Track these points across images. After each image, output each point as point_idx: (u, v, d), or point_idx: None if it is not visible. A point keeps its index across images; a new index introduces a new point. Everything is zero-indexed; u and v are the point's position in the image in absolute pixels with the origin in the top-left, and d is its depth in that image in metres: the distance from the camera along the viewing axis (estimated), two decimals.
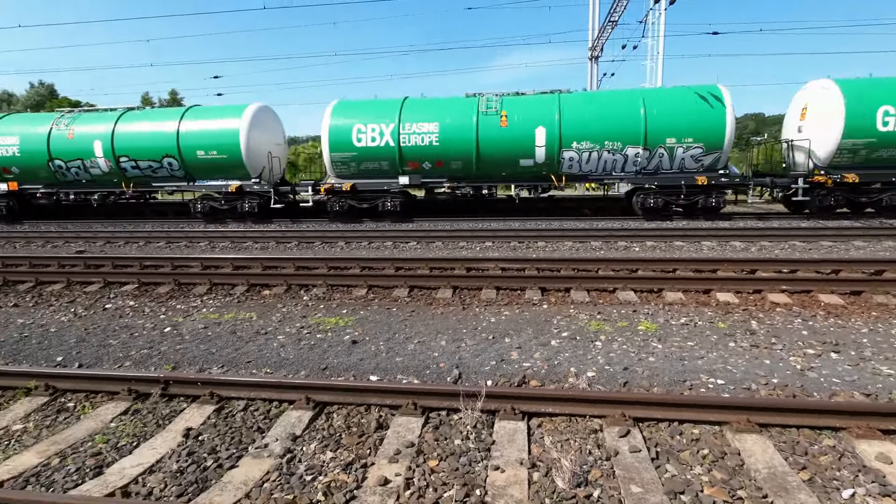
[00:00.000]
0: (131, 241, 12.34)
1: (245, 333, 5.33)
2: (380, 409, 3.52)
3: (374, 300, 6.51)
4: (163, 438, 3.26)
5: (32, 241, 12.73)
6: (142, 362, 4.61)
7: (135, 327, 5.63)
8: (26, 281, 7.73)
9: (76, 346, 5.08)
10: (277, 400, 3.67)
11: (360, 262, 8.17)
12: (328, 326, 5.48)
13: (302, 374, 4.27)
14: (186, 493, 2.69)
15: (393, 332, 5.26)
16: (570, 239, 10.76)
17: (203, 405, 3.63)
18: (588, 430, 3.20)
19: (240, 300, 6.72)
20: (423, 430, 3.24)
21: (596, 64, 24.84)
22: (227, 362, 4.57)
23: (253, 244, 11.72)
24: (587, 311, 5.73)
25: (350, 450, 3.07)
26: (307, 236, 11.93)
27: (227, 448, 3.13)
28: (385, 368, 4.34)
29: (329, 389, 3.61)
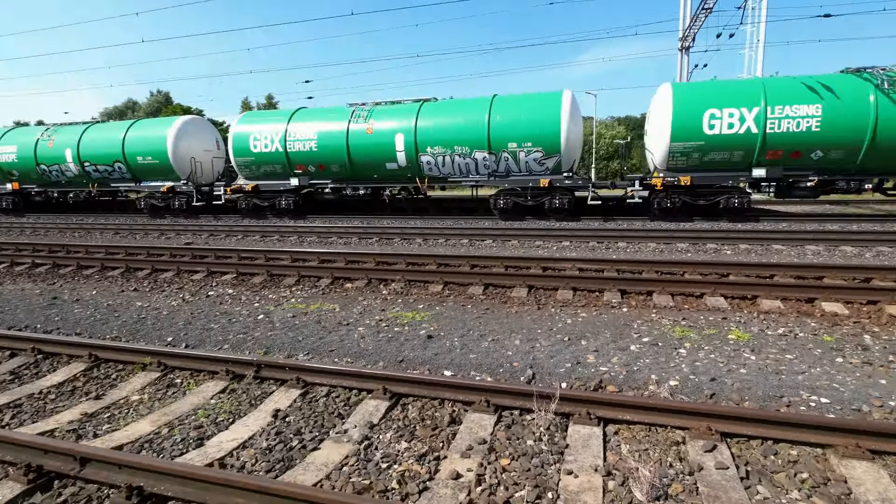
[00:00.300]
0: (231, 235, 13.45)
1: (328, 324, 5.62)
2: (453, 404, 3.58)
3: (449, 297, 6.61)
4: (254, 417, 3.53)
5: (150, 233, 14.28)
6: (238, 346, 5.03)
7: (233, 314, 6.14)
8: (144, 268, 8.69)
9: (183, 328, 5.64)
10: (357, 388, 3.84)
11: (437, 259, 8.32)
12: (405, 320, 5.64)
13: (380, 365, 4.44)
14: (274, 470, 2.91)
15: (467, 328, 5.31)
16: (653, 240, 10.24)
17: (290, 389, 3.89)
18: (669, 441, 3.05)
19: (324, 292, 7.10)
20: (496, 428, 3.25)
21: (686, 55, 23.34)
22: (312, 350, 4.86)
23: (337, 239, 12.31)
24: (671, 317, 5.43)
25: (424, 441, 3.15)
26: (388, 232, 12.33)
27: (310, 430, 3.33)
28: (459, 364, 4.40)
29: (405, 381, 3.73)
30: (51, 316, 6.25)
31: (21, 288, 7.92)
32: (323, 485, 2.73)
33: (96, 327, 5.75)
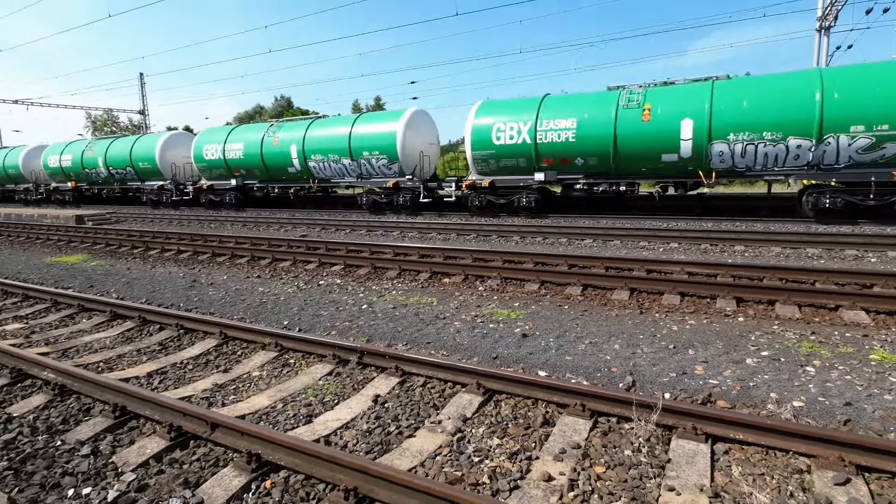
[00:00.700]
0: (340, 229, 14.39)
1: (426, 316, 5.81)
2: (547, 405, 3.54)
3: (545, 296, 6.51)
4: (356, 400, 3.77)
5: (272, 225, 15.73)
6: (344, 332, 5.38)
7: (340, 302, 6.58)
8: (266, 258, 9.61)
9: (297, 313, 6.15)
10: (452, 381, 3.94)
11: (534, 258, 8.22)
12: (500, 317, 5.65)
13: (474, 360, 4.51)
14: (373, 452, 3.09)
15: (563, 329, 5.20)
16: (777, 244, 9.21)
17: (389, 377, 4.10)
18: (790, 468, 2.75)
19: (423, 286, 7.35)
20: (591, 434, 3.16)
21: (826, 36, 20.56)
22: (410, 341, 5.06)
23: (436, 235, 12.64)
24: (797, 330, 4.86)
25: (516, 440, 3.15)
26: (485, 230, 12.41)
27: (406, 418, 3.48)
28: (554, 365, 4.32)
29: (499, 378, 3.75)
30: (191, 296, 7.16)
31: (168, 271, 9.15)
32: (417, 471, 2.84)
33: (226, 308, 6.47)
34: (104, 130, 54.15)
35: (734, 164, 12.79)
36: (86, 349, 5.12)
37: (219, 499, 2.61)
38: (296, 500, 2.61)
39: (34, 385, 4.19)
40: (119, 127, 55.20)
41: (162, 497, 2.66)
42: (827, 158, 11.77)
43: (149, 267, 9.67)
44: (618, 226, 12.57)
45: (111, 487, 2.75)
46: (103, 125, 56.12)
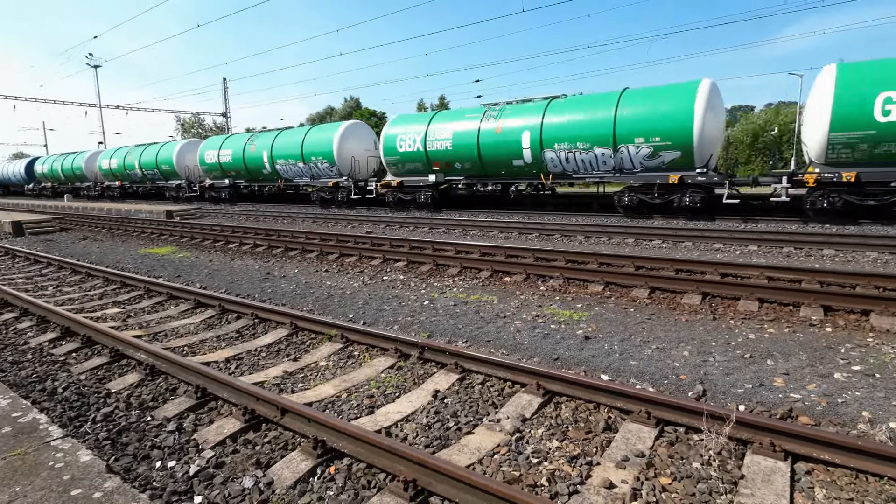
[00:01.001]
0: (404, 226, 14.69)
1: (486, 315, 5.82)
2: (609, 410, 3.44)
3: (610, 298, 6.31)
4: (417, 395, 3.85)
5: (340, 222, 16.33)
6: (406, 327, 5.50)
7: (402, 298, 6.73)
8: (333, 253, 10.00)
9: (362, 307, 6.36)
10: (511, 381, 3.92)
11: (599, 258, 7.99)
12: (562, 318, 5.55)
13: (534, 360, 4.46)
14: (431, 446, 3.14)
15: (629, 333, 5.02)
16: (873, 248, 8.37)
17: (449, 373, 4.14)
18: (886, 496, 2.51)
19: (484, 284, 7.35)
20: (656, 443, 3.04)
21: None
22: (470, 338, 5.09)
23: (498, 233, 12.60)
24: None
25: (576, 443, 3.09)
26: (548, 228, 12.20)
27: (465, 415, 3.51)
28: (617, 369, 4.19)
29: (560, 380, 3.69)
30: (265, 288, 7.59)
31: (245, 264, 9.76)
32: (475, 468, 2.86)
33: (296, 300, 6.81)
34: (191, 132, 58.41)
35: (564, 168, 15.44)
36: (173, 334, 5.57)
37: (287, 480, 2.77)
38: (357, 488, 2.71)
39: (129, 364, 4.62)
40: (204, 129, 59.36)
41: (236, 475, 2.86)
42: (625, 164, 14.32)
43: (228, 259, 10.35)
44: (689, 226, 11.94)
45: (192, 462, 2.99)
46: (191, 127, 60.59)
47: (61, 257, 10.16)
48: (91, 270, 8.74)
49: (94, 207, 25.28)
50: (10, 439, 2.77)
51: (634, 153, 13.89)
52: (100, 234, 15.97)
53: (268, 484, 2.75)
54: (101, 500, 2.23)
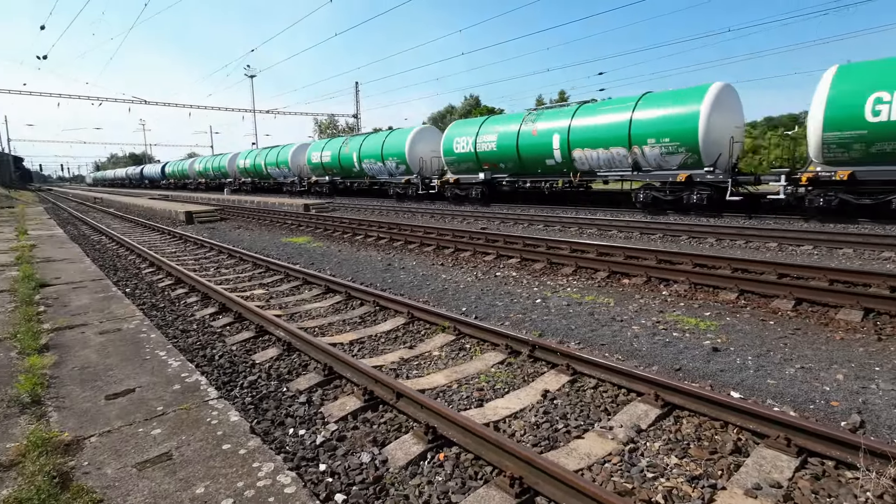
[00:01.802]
0: (518, 223, 14.63)
1: (601, 317, 5.59)
2: (739, 431, 3.12)
3: (745, 307, 5.69)
4: (526, 392, 3.84)
5: (456, 217, 16.75)
6: (517, 324, 5.50)
7: (514, 295, 6.72)
8: (449, 247, 10.30)
9: (474, 301, 6.48)
10: (626, 388, 3.74)
11: (732, 263, 7.24)
12: (686, 326, 5.14)
13: (653, 369, 4.20)
14: (539, 445, 3.12)
15: (766, 348, 4.49)
16: None
17: (560, 374, 4.07)
18: None
19: (600, 285, 7.06)
20: (797, 475, 2.70)
21: None
22: (584, 340, 4.93)
23: (617, 233, 11.99)
24: None
25: (698, 463, 2.86)
26: (673, 229, 11.33)
27: (575, 418, 3.43)
28: (751, 387, 3.78)
29: (682, 393, 3.43)
30: (385, 278, 8.07)
31: (369, 255, 10.46)
32: (584, 474, 2.79)
33: (413, 291, 7.14)
34: (327, 133, 63.78)
35: (590, 167, 16.75)
36: (306, 315, 6.18)
37: (400, 461, 2.94)
38: (465, 477, 2.79)
39: (270, 340, 5.23)
40: (338, 129, 64.46)
41: (355, 449, 3.10)
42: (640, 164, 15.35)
43: (354, 250, 11.17)
44: (850, 230, 10.28)
45: (318, 433, 3.31)
46: (326, 128, 66.17)
47: (221, 243, 11.76)
48: (243, 255, 10.00)
49: (246, 200, 28.81)
50: (178, 395, 3.30)
51: (649, 153, 14.96)
52: (251, 223, 18.17)
53: (382, 461, 2.95)
54: (245, 456, 2.57)
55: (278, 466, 2.48)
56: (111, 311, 5.42)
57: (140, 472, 2.44)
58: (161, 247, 12.40)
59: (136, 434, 2.80)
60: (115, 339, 4.45)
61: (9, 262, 8.74)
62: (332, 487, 2.71)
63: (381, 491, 2.70)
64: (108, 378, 3.60)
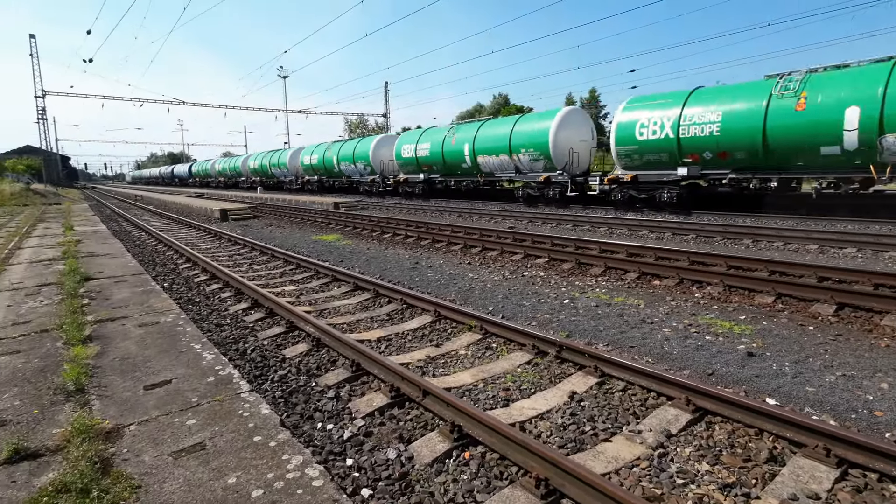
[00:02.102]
0: (546, 223, 14.49)
1: (631, 319, 5.49)
2: (775, 439, 3.02)
3: (782, 311, 5.50)
4: (552, 393, 3.80)
5: (483, 216, 16.71)
6: (544, 325, 5.45)
7: (542, 294, 6.67)
8: (476, 246, 10.29)
9: (502, 300, 6.46)
10: (656, 392, 3.66)
11: (770, 265, 7.01)
12: (720, 330, 5.00)
13: (685, 373, 4.10)
14: (566, 447, 3.09)
15: (805, 354, 4.33)
16: None
17: (587, 375, 4.02)
18: None
19: (630, 286, 6.94)
20: (836, 487, 2.59)
21: None
22: (612, 342, 4.85)
23: (649, 233, 11.75)
24: None
25: (731, 471, 2.79)
26: (706, 230, 11.03)
27: (603, 421, 3.38)
28: (788, 395, 3.65)
29: (714, 398, 3.34)
30: (413, 276, 8.12)
31: (397, 253, 10.54)
32: (611, 477, 2.75)
33: (440, 290, 7.17)
34: (357, 132, 64.56)
35: (490, 169, 20.71)
36: (335, 312, 6.27)
37: (425, 458, 2.96)
38: (490, 477, 2.79)
39: (300, 335, 5.33)
40: (367, 129, 65.16)
41: (382, 445, 3.14)
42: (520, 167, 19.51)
43: (382, 248, 11.28)
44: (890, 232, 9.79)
45: (346, 428, 3.36)
46: (356, 127, 66.97)
47: (254, 240, 12.05)
48: (275, 252, 10.22)
49: (278, 198, 29.41)
50: (212, 387, 3.40)
51: (525, 159, 19.27)
52: (282, 221, 18.56)
53: (408, 458, 2.97)
54: (275, 448, 2.63)
55: (307, 459, 2.53)
56: (150, 304, 5.62)
57: (175, 461, 2.53)
58: (197, 243, 12.79)
59: (172, 424, 2.91)
60: (153, 332, 4.62)
61: (56, 256, 9.17)
62: (359, 482, 2.75)
63: (407, 487, 2.72)
64: (147, 369, 3.74)
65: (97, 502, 2.17)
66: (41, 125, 49.79)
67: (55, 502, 2.17)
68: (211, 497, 2.24)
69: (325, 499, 2.22)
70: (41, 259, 8.91)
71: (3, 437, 2.76)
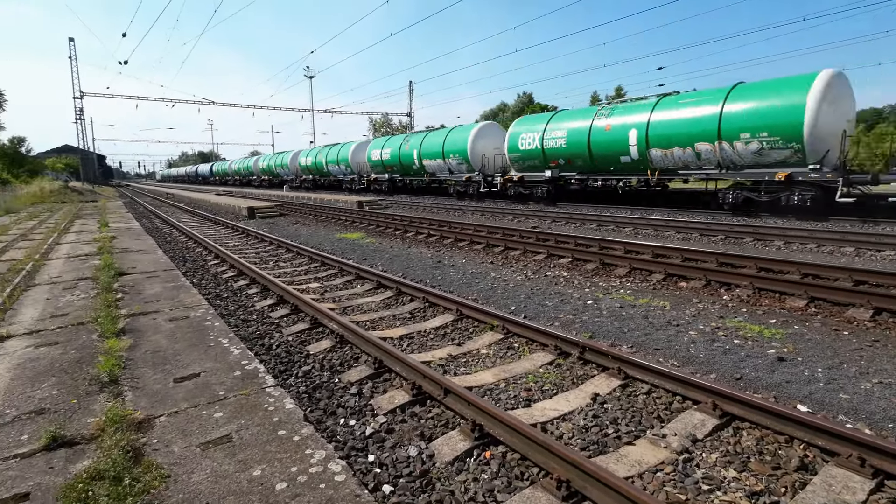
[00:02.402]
0: (570, 222, 14.35)
1: (656, 321, 5.40)
2: (806, 447, 2.94)
3: (815, 316, 5.33)
4: (575, 395, 3.77)
5: (507, 216, 16.64)
6: (567, 325, 5.41)
7: (565, 295, 6.61)
8: (499, 246, 10.25)
9: (524, 300, 6.43)
10: (681, 395, 3.60)
11: (802, 268, 6.79)
12: (749, 334, 4.87)
13: (711, 377, 4.01)
14: (588, 449, 3.06)
15: (839, 360, 4.19)
16: None
17: (611, 377, 3.97)
18: None
19: (655, 287, 6.82)
20: (871, 498, 2.50)
21: None
22: (636, 344, 4.78)
23: (675, 234, 11.52)
24: None
25: (759, 478, 2.72)
26: (736, 231, 10.75)
27: (626, 424, 3.33)
28: (820, 401, 3.54)
29: (742, 403, 3.26)
30: (435, 275, 8.15)
31: (420, 251, 10.58)
32: (634, 482, 2.71)
33: (462, 289, 7.17)
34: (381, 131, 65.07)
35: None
36: (358, 309, 6.34)
37: (446, 456, 2.97)
38: (511, 477, 2.78)
39: (324, 332, 5.41)
40: (391, 128, 65.56)
41: (403, 442, 3.16)
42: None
43: (405, 246, 11.35)
44: None
45: (368, 425, 3.39)
46: (380, 126, 67.46)
47: (280, 238, 12.26)
48: (300, 250, 10.38)
49: (303, 197, 29.85)
50: (238, 381, 3.48)
51: (454, 163, 20.25)
52: (307, 219, 18.83)
53: (429, 456, 2.99)
54: (298, 443, 2.68)
55: (329, 454, 2.57)
56: (180, 299, 5.78)
57: (203, 452, 2.60)
58: (225, 240, 13.09)
59: (200, 416, 2.99)
60: (183, 326, 4.75)
61: (92, 251, 9.51)
62: (380, 478, 2.78)
63: (428, 485, 2.74)
64: (177, 362, 3.85)
65: (129, 490, 2.24)
66: (79, 125, 51.65)
67: (89, 489, 2.25)
68: (237, 489, 2.29)
69: (347, 494, 2.26)
70: (78, 254, 9.25)
71: (42, 424, 2.89)
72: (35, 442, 2.70)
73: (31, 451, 2.63)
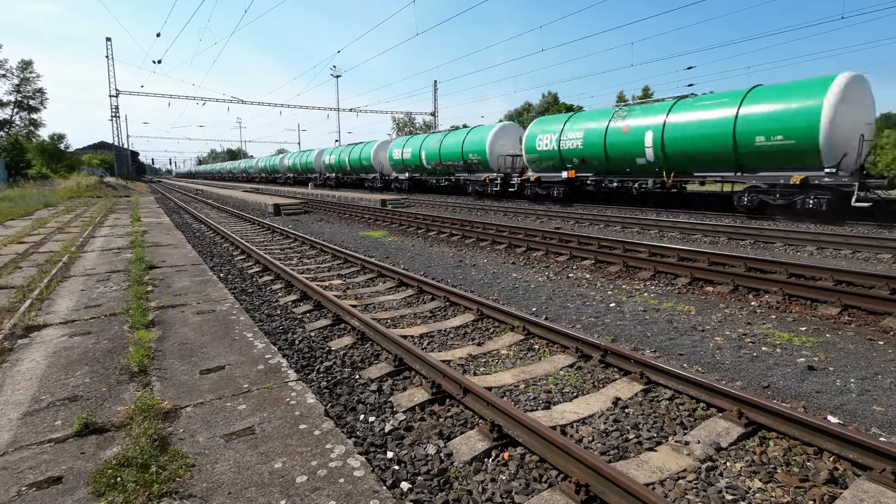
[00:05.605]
0: (594, 224, 14.18)
1: (681, 325, 5.29)
2: (837, 460, 2.84)
3: (849, 324, 5.15)
4: (595, 398, 3.73)
5: (529, 216, 16.54)
6: (588, 328, 5.35)
7: (587, 297, 6.54)
8: (521, 246, 10.20)
9: (545, 302, 6.38)
10: (706, 403, 3.52)
11: (836, 274, 6.57)
12: (778, 341, 4.74)
13: (737, 384, 3.92)
14: (608, 454, 3.02)
15: (873, 370, 4.04)
16: None
17: (633, 382, 3.91)
18: None
19: (680, 291, 6.69)
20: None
21: None
22: (659, 349, 4.70)
23: (702, 237, 11.28)
24: None
25: (786, 490, 2.64)
26: (766, 235, 10.47)
27: (648, 429, 3.28)
28: (852, 413, 3.42)
29: (770, 412, 3.18)
30: (456, 274, 8.15)
31: (441, 251, 10.60)
32: (655, 489, 2.67)
33: (484, 288, 7.16)
34: (404, 130, 65.39)
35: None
36: (379, 307, 6.39)
37: (464, 456, 2.97)
38: (529, 479, 2.77)
39: (346, 328, 5.47)
40: (415, 127, 65.82)
41: (422, 440, 3.18)
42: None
43: (427, 245, 11.38)
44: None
45: (387, 422, 3.42)
46: (404, 125, 67.78)
47: (304, 235, 12.44)
48: (324, 247, 10.52)
49: (327, 194, 30.21)
50: (262, 375, 3.55)
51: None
52: (331, 216, 19.06)
53: (447, 455, 3.00)
54: (319, 437, 2.72)
55: (349, 450, 2.60)
56: (207, 293, 5.92)
57: (227, 443, 2.66)
58: (251, 236, 13.34)
59: (224, 408, 3.06)
60: (209, 320, 4.87)
61: (124, 245, 9.81)
62: (399, 475, 2.80)
63: (445, 483, 2.75)
64: (203, 354, 3.94)
65: (155, 478, 2.31)
66: (114, 122, 53.28)
67: (118, 475, 2.33)
68: (258, 480, 2.34)
69: (366, 489, 2.28)
70: (111, 248, 9.56)
71: (74, 411, 3.00)
72: (68, 428, 2.81)
73: (65, 436, 2.73)
